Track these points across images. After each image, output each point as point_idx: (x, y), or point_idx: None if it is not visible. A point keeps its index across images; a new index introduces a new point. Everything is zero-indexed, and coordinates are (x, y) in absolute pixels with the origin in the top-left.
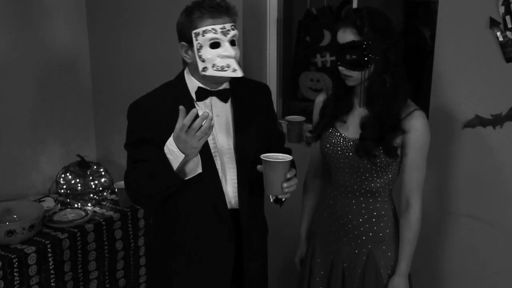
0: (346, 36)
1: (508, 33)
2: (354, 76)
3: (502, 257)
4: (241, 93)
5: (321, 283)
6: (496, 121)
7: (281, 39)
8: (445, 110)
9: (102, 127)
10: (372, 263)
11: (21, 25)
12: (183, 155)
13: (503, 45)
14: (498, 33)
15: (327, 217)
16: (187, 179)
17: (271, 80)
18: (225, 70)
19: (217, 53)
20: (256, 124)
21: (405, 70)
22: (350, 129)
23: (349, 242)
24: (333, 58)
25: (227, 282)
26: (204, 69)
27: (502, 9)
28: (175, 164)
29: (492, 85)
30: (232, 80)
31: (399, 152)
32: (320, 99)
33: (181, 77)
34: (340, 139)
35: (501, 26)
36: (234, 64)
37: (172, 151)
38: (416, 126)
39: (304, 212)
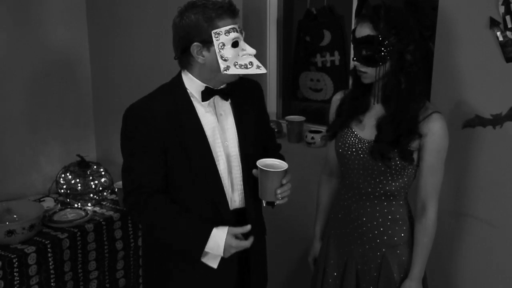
0: (362, 30)
1: (508, 33)
2: (368, 73)
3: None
4: (237, 91)
5: (334, 284)
6: (496, 121)
7: (281, 39)
8: (445, 110)
9: (102, 127)
10: (386, 267)
11: (21, 25)
12: (221, 255)
13: (503, 45)
14: (498, 33)
15: (342, 218)
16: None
17: (271, 80)
18: (249, 68)
19: (238, 52)
20: (255, 120)
21: (423, 71)
22: (366, 129)
23: (363, 244)
24: (333, 58)
25: (232, 284)
26: (227, 68)
27: (502, 9)
28: (207, 249)
29: (492, 85)
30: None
31: (415, 156)
32: (337, 97)
33: (178, 79)
34: (355, 140)
35: (501, 26)
36: (256, 61)
37: (219, 246)
38: (434, 129)
39: (319, 211)
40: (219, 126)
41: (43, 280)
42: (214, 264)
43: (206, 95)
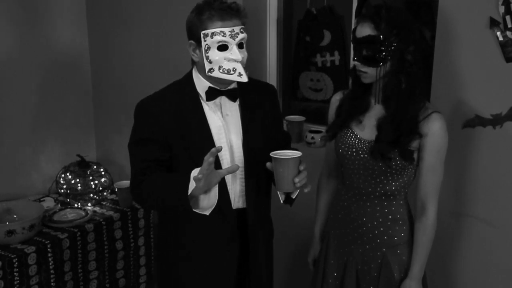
0: (363, 30)
1: (508, 33)
2: (369, 73)
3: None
4: (248, 93)
5: (334, 285)
6: (496, 121)
7: (281, 39)
8: (445, 110)
9: (102, 127)
10: (386, 267)
11: (21, 26)
12: (195, 184)
13: (503, 45)
14: (498, 33)
15: (342, 218)
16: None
17: (271, 80)
18: (231, 74)
19: (224, 56)
20: (262, 124)
21: (423, 71)
22: (366, 129)
23: (363, 244)
24: (333, 58)
25: (231, 283)
26: (211, 70)
27: (502, 9)
28: (190, 188)
29: (492, 85)
30: (247, 81)
31: (415, 156)
32: (336, 97)
33: (189, 76)
34: (355, 140)
35: (501, 26)
36: (240, 68)
37: (192, 176)
38: (434, 129)
39: (318, 212)
40: (225, 126)
41: (43, 280)
42: (206, 212)
43: (211, 95)
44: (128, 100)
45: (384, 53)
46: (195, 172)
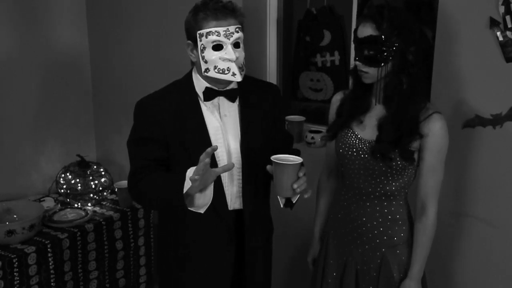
0: (365, 30)
1: (508, 33)
2: (370, 73)
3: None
4: (249, 93)
5: (333, 284)
6: (496, 121)
7: (281, 39)
8: (445, 110)
9: (102, 127)
10: (386, 267)
11: (21, 26)
12: (190, 183)
13: (503, 45)
14: (498, 33)
15: (341, 218)
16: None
17: (271, 80)
18: (226, 73)
19: (220, 56)
20: (262, 125)
21: (424, 71)
22: (367, 130)
23: (363, 244)
24: (333, 58)
25: (227, 283)
26: (206, 70)
27: (502, 9)
28: (185, 187)
29: (492, 85)
30: (240, 80)
31: (416, 156)
32: (337, 97)
33: (188, 76)
34: (356, 140)
35: (501, 26)
36: (234, 68)
37: (188, 176)
38: (434, 129)
39: (318, 212)
40: (222, 127)
41: (43, 280)
42: (201, 210)
43: (208, 95)
44: (128, 100)
45: (385, 53)
46: (190, 172)
